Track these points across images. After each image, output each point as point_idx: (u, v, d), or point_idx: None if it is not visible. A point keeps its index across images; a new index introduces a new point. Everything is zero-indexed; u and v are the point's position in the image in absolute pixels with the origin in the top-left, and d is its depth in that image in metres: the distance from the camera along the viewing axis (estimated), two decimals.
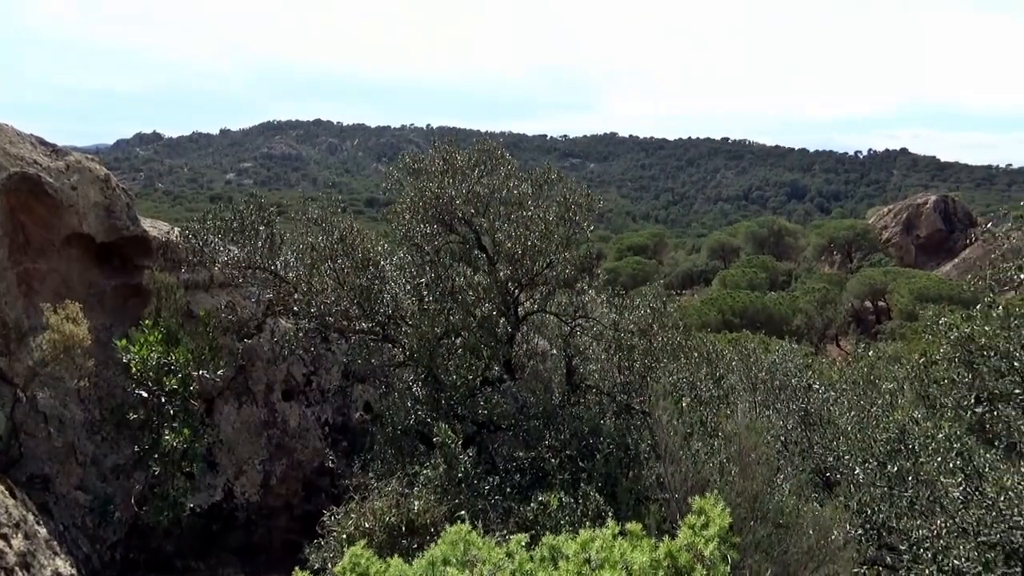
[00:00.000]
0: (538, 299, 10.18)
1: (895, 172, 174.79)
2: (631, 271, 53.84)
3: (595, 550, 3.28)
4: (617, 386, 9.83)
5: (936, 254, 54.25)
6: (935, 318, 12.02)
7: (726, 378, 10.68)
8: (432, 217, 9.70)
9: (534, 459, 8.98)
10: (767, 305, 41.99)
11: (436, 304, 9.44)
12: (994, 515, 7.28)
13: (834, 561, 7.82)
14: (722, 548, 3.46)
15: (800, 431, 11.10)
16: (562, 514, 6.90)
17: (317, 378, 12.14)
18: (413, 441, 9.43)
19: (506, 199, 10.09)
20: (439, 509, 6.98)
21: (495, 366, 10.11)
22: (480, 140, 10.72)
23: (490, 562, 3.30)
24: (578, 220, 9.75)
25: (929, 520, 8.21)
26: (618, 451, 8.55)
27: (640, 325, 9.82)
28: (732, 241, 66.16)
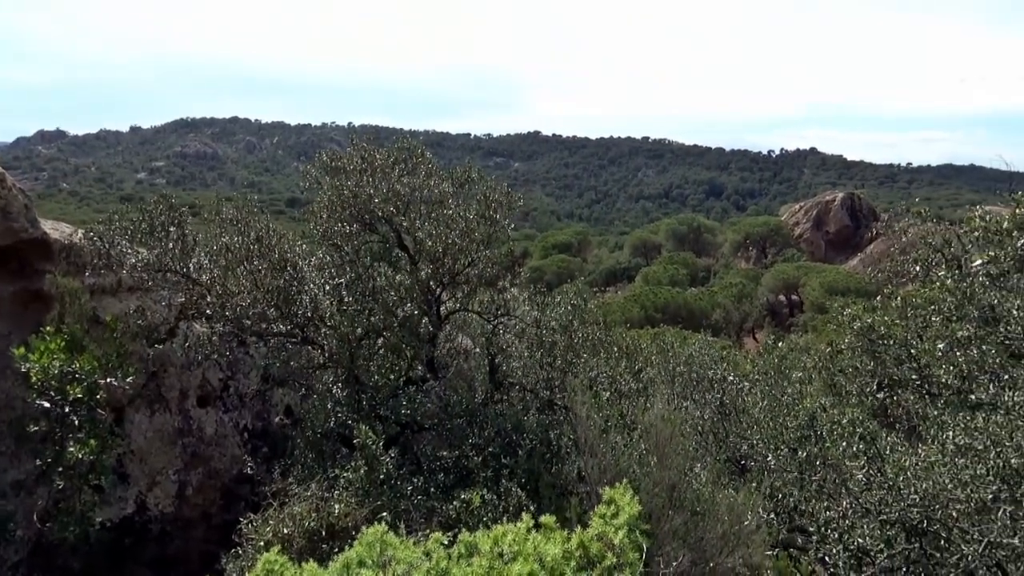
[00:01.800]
0: (460, 298, 10.19)
1: (805, 170, 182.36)
2: (556, 269, 54.45)
3: (508, 544, 3.32)
4: (540, 382, 9.93)
5: (844, 249, 56.89)
6: (840, 310, 12.64)
7: (645, 371, 10.95)
8: (351, 216, 9.58)
9: (458, 458, 8.98)
10: (687, 300, 43.21)
11: (357, 305, 9.32)
12: (894, 495, 7.68)
13: (747, 545, 8.11)
14: (632, 536, 3.56)
15: (716, 421, 11.46)
16: (485, 511, 6.94)
17: (235, 383, 11.79)
18: (335, 444, 9.29)
19: (427, 198, 10.06)
20: (360, 512, 6.90)
21: (418, 366, 10.06)
22: (400, 138, 10.65)
23: (404, 562, 3.29)
24: (499, 218, 9.79)
25: (836, 502, 8.60)
26: (540, 446, 8.64)
27: (561, 322, 9.94)
28: (653, 238, 67.73)
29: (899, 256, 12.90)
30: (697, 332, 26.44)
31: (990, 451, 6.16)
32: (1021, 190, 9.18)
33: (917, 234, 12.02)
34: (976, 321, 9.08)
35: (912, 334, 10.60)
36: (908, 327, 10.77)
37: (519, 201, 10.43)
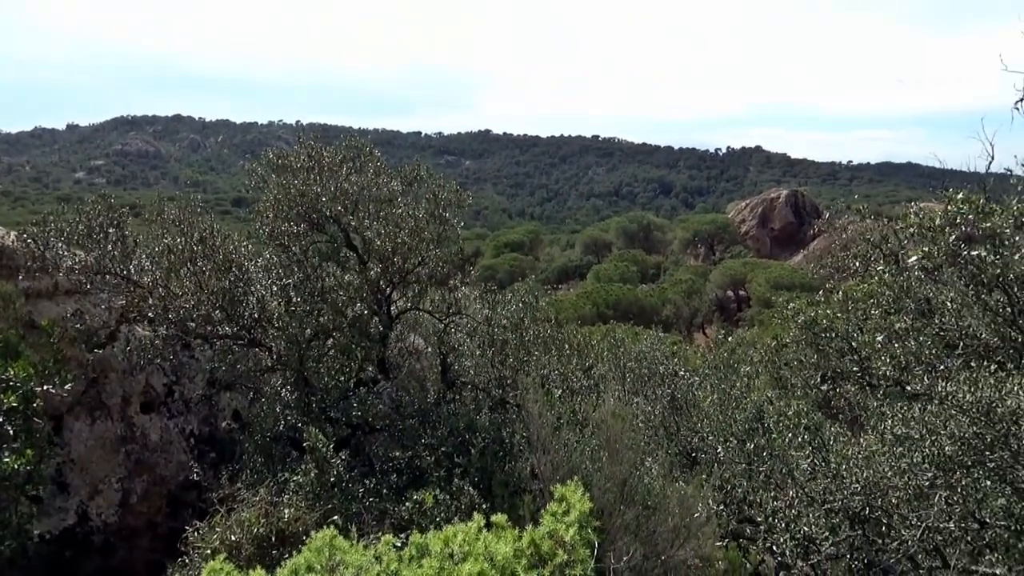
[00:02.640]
0: (411, 297, 10.11)
1: (751, 168, 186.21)
2: (508, 268, 54.52)
3: (458, 544, 3.31)
4: (492, 381, 9.93)
5: (788, 245, 58.29)
6: (785, 305, 12.96)
7: (596, 368, 11.04)
8: (298, 216, 9.43)
9: (410, 458, 8.92)
10: (638, 297, 43.73)
11: (305, 305, 9.18)
12: (838, 483, 7.90)
13: (698, 537, 8.25)
14: (583, 532, 3.58)
15: (667, 415, 11.64)
16: (438, 511, 6.91)
17: (180, 387, 11.49)
18: (284, 447, 9.13)
19: (375, 197, 9.95)
20: (311, 516, 6.80)
21: (369, 366, 9.96)
22: (348, 136, 10.52)
23: (354, 565, 3.25)
24: (448, 217, 9.75)
25: (782, 492, 8.80)
26: (493, 445, 8.64)
27: (513, 320, 9.96)
28: (604, 236, 68.33)
29: (840, 252, 13.27)
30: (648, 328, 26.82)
31: (926, 440, 6.38)
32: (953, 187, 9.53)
33: (857, 230, 12.38)
34: (913, 314, 9.40)
35: (853, 327, 10.90)
36: (849, 320, 11.07)
37: (469, 199, 10.40)
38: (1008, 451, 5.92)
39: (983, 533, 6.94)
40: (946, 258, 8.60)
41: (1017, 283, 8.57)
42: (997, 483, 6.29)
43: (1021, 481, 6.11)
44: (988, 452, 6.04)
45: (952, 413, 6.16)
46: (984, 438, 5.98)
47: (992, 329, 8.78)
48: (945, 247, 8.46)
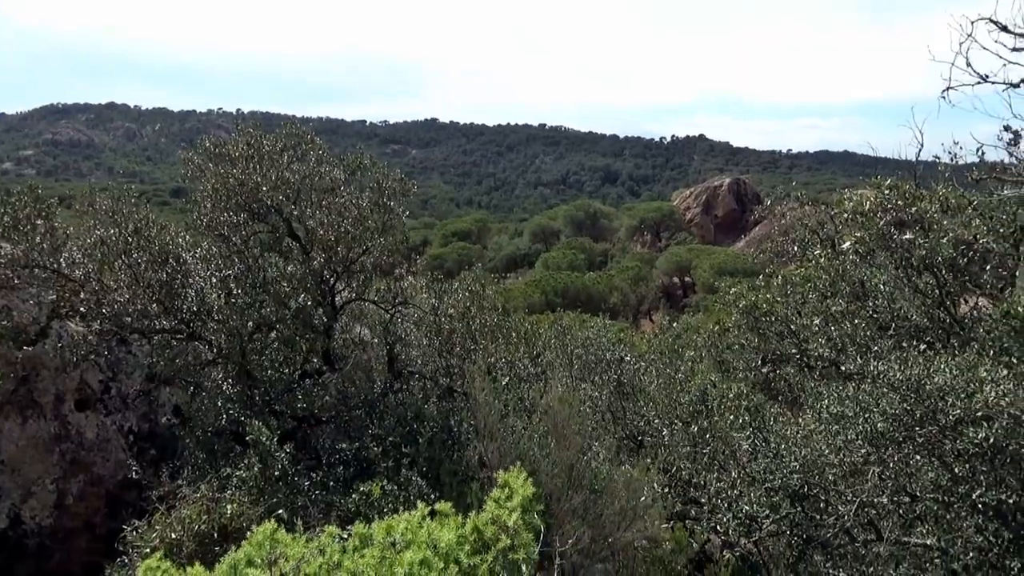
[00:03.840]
0: (356, 287, 9.99)
1: (695, 157, 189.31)
2: (457, 257, 54.34)
3: (400, 532, 3.29)
4: (439, 370, 9.90)
5: (732, 232, 59.49)
6: (727, 290, 13.25)
7: (544, 355, 11.11)
8: (238, 205, 9.20)
9: (358, 450, 8.84)
10: (586, 285, 44.10)
11: (246, 297, 8.98)
12: (777, 463, 8.12)
13: (644, 519, 8.40)
14: (526, 517, 3.60)
15: (614, 400, 11.78)
16: (385, 502, 6.87)
17: (116, 384, 11.14)
18: (227, 442, 8.94)
19: (318, 186, 9.78)
20: (255, 510, 6.68)
21: (314, 358, 9.82)
22: (288, 124, 10.30)
23: (295, 558, 3.21)
24: (393, 206, 9.65)
25: (725, 472, 9.03)
26: (441, 434, 8.62)
27: (459, 309, 9.93)
28: (552, 224, 68.63)
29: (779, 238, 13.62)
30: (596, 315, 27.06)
31: (859, 417, 6.60)
32: (886, 174, 9.87)
33: (795, 217, 12.73)
34: (848, 297, 9.71)
35: (792, 311, 11.22)
36: (788, 304, 11.39)
37: (414, 188, 10.31)
38: (936, 426, 6.17)
39: (914, 506, 7.23)
40: (878, 242, 8.89)
41: (944, 265, 8.93)
42: (926, 457, 6.56)
43: (948, 455, 6.38)
44: (917, 428, 6.29)
45: (884, 391, 6.39)
46: (913, 414, 6.22)
47: (922, 311, 9.13)
48: (876, 232, 8.75)
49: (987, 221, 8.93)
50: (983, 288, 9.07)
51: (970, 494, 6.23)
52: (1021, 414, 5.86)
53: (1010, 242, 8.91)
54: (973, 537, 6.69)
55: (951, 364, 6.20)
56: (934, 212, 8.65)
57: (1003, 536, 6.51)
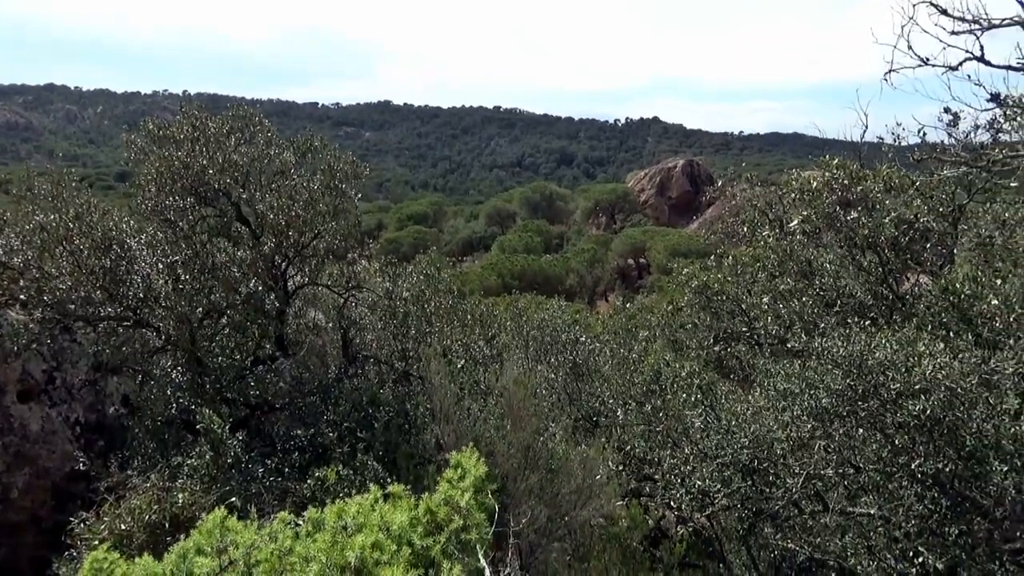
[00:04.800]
0: (308, 272, 9.86)
1: (649, 139, 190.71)
2: (412, 240, 53.94)
3: (352, 516, 3.28)
4: (394, 354, 9.86)
5: (686, 213, 60.18)
6: (680, 270, 13.43)
7: (499, 338, 11.14)
8: (184, 189, 8.98)
9: (313, 436, 8.77)
10: (543, 267, 44.22)
11: (195, 283, 8.79)
12: (728, 439, 8.31)
13: (600, 496, 8.52)
14: (479, 497, 3.62)
15: (569, 381, 11.89)
16: (341, 487, 6.83)
17: (61, 374, 10.83)
18: (178, 431, 8.79)
19: (267, 168, 9.60)
20: (207, 499, 6.59)
21: (266, 344, 9.68)
22: (235, 106, 10.06)
23: (244, 545, 3.18)
24: (345, 189, 9.53)
25: (678, 449, 9.20)
26: (397, 418, 8.60)
27: (414, 292, 9.89)
28: (508, 207, 68.55)
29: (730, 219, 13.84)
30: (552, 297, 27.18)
31: (805, 393, 6.78)
32: (833, 155, 10.08)
33: (745, 198, 12.94)
34: (795, 275, 9.94)
35: (742, 290, 11.43)
36: (739, 284, 11.60)
37: (366, 171, 10.19)
38: (878, 400, 6.38)
39: (858, 477, 7.47)
40: (824, 221, 9.10)
41: (887, 244, 9.18)
42: (869, 430, 6.77)
43: (890, 427, 6.60)
44: (860, 402, 6.49)
45: (828, 367, 6.57)
46: (856, 389, 6.42)
47: (866, 288, 9.39)
48: (822, 211, 8.94)
49: (928, 201, 9.21)
50: (924, 265, 9.36)
51: (910, 464, 6.46)
52: (957, 387, 6.08)
53: (949, 221, 9.21)
54: (914, 505, 6.95)
55: (891, 340, 6.40)
56: (877, 192, 8.87)
57: (942, 504, 6.78)
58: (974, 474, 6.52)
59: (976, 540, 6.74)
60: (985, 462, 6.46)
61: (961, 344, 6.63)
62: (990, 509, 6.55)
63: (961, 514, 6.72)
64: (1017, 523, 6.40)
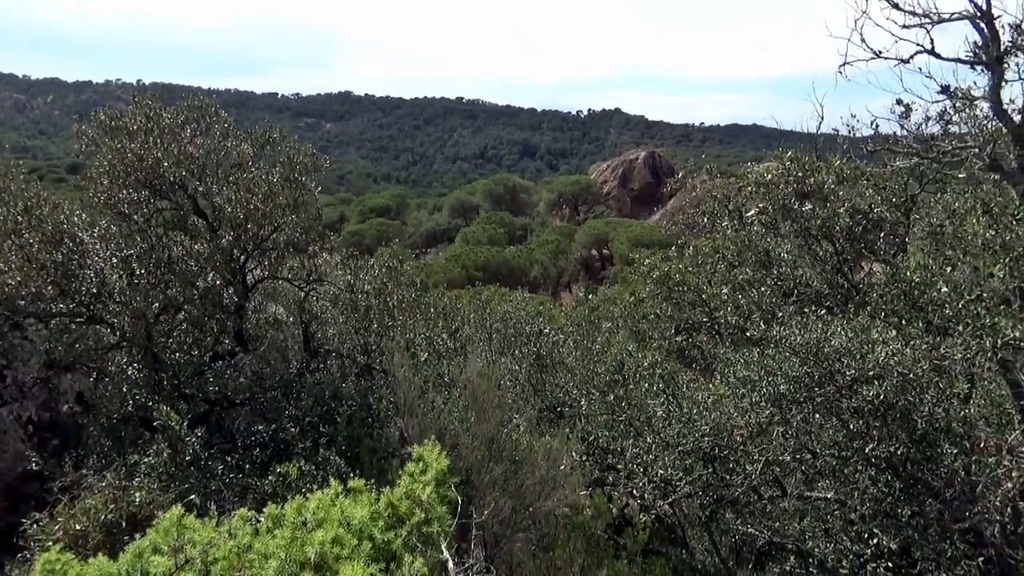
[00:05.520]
0: (268, 265, 9.73)
1: (611, 130, 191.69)
2: (375, 233, 53.51)
3: (311, 511, 3.26)
4: (356, 347, 9.78)
5: (648, 204, 60.68)
6: (641, 261, 13.55)
7: (463, 330, 11.12)
8: (137, 181, 8.77)
9: (274, 431, 8.67)
10: (507, 259, 44.25)
11: (150, 277, 8.61)
12: (689, 427, 8.43)
13: (564, 487, 8.58)
14: (441, 490, 3.62)
15: (533, 373, 11.92)
16: (303, 483, 6.76)
17: (12, 372, 10.54)
18: (135, 429, 8.61)
19: (224, 161, 9.43)
20: (166, 497, 6.47)
21: (225, 339, 9.53)
22: (191, 96, 9.85)
23: (202, 543, 3.13)
24: (305, 181, 9.40)
25: (641, 438, 9.30)
26: (360, 412, 8.54)
27: (376, 285, 9.81)
28: (471, 199, 68.41)
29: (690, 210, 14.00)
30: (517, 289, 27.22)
31: (763, 381, 6.91)
32: (790, 147, 10.25)
33: (705, 189, 13.09)
34: (753, 265, 10.10)
35: (703, 280, 11.58)
36: (699, 274, 11.75)
37: (327, 163, 10.07)
38: (833, 386, 6.52)
39: (815, 462, 7.64)
40: (781, 212, 9.25)
41: (842, 234, 9.38)
42: (825, 416, 6.92)
43: (845, 413, 6.75)
44: (817, 388, 6.63)
45: (786, 355, 6.70)
46: (813, 376, 6.56)
47: (822, 277, 9.58)
48: (779, 202, 9.09)
49: (881, 191, 9.42)
50: (877, 255, 9.58)
51: (864, 448, 6.62)
52: (909, 372, 6.25)
53: (901, 211, 9.43)
54: (869, 488, 7.13)
55: (846, 328, 6.55)
56: (831, 183, 9.05)
57: (895, 486, 6.97)
58: (926, 457, 6.72)
59: (928, 521, 6.94)
60: (936, 445, 6.65)
61: (912, 331, 6.80)
62: (941, 490, 6.75)
63: (913, 496, 6.91)
64: (966, 503, 6.60)
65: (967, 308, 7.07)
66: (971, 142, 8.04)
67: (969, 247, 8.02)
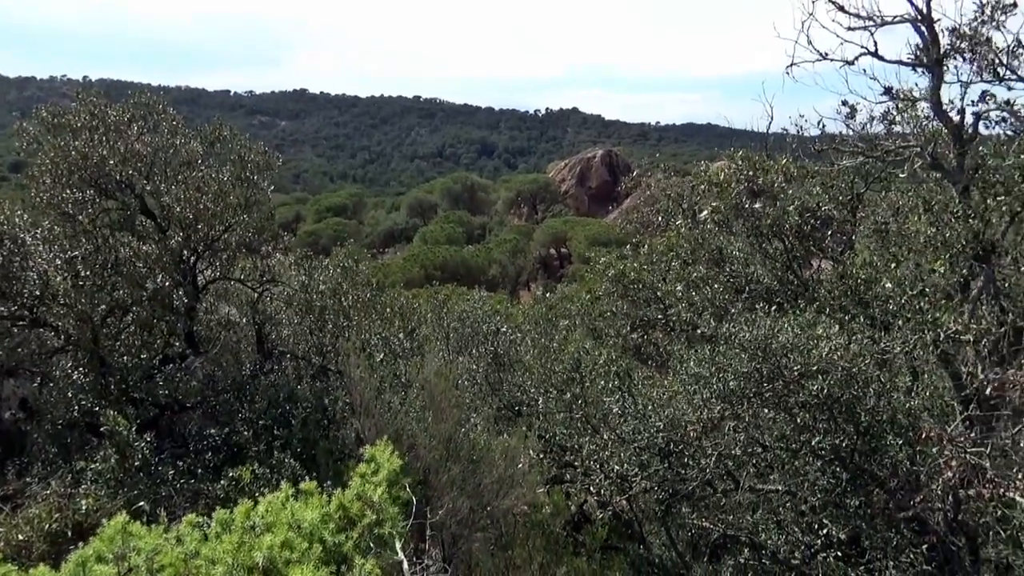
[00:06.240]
0: (220, 266, 9.55)
1: (569, 129, 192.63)
2: (332, 232, 52.95)
3: (259, 515, 3.22)
4: (311, 348, 9.67)
5: (605, 202, 61.10)
6: (598, 259, 13.67)
7: (420, 330, 11.07)
8: (82, 180, 8.53)
9: (227, 435, 8.53)
10: (465, 258, 44.19)
11: (96, 279, 8.38)
12: (644, 423, 8.52)
13: (522, 485, 8.61)
14: (393, 491, 3.60)
15: (491, 371, 11.94)
16: (256, 486, 6.67)
17: None
18: (82, 435, 8.39)
19: (173, 159, 9.24)
20: (114, 504, 6.32)
21: (176, 341, 9.33)
22: (137, 92, 9.62)
23: (146, 550, 3.07)
24: (257, 180, 9.26)
25: (597, 435, 9.37)
26: (315, 414, 8.45)
27: (331, 285, 9.71)
28: (429, 198, 68.14)
29: (645, 208, 14.17)
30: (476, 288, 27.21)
31: (715, 377, 7.02)
32: (742, 146, 10.43)
33: (659, 188, 13.25)
34: (706, 263, 10.26)
35: (657, 278, 11.73)
36: (654, 272, 11.90)
37: (279, 161, 9.93)
38: (782, 381, 6.67)
39: (766, 455, 7.79)
40: (732, 211, 9.42)
41: (791, 232, 9.58)
42: (774, 410, 7.07)
43: (793, 407, 6.91)
44: (766, 383, 6.77)
45: (736, 351, 6.82)
46: (762, 371, 6.69)
47: (772, 274, 9.78)
48: (731, 201, 9.25)
49: (828, 189, 9.65)
50: (825, 252, 9.81)
51: (812, 441, 6.78)
52: (854, 366, 6.42)
53: (848, 208, 9.67)
54: (818, 480, 7.31)
55: (793, 324, 6.70)
56: (781, 182, 9.24)
57: (842, 477, 7.15)
58: (871, 448, 6.90)
59: (875, 510, 7.14)
60: (881, 436, 6.84)
61: (855, 326, 6.99)
62: (886, 480, 6.95)
63: (860, 486, 7.10)
64: (911, 493, 6.81)
65: (910, 303, 7.29)
66: (913, 141, 8.29)
67: (912, 244, 8.27)
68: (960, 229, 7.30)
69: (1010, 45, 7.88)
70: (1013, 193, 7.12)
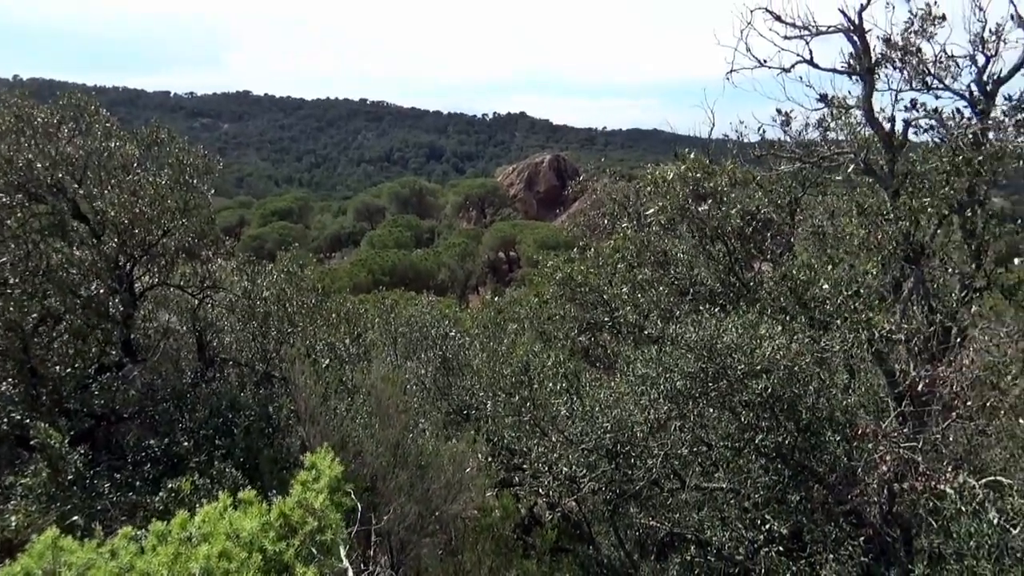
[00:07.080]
0: (158, 272, 9.29)
1: (517, 134, 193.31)
2: (277, 237, 52.07)
3: (196, 526, 3.13)
4: (255, 355, 9.47)
5: (553, 206, 61.54)
6: (545, 262, 13.73)
7: (366, 335, 10.95)
8: (8, 184, 8.20)
9: (167, 445, 8.28)
10: (414, 262, 43.94)
11: (26, 287, 8.06)
12: (592, 425, 8.59)
13: (470, 489, 8.58)
14: (335, 497, 3.55)
15: (440, 376, 11.87)
16: (196, 498, 6.48)
17: None
18: (11, 448, 8.04)
19: (107, 162, 8.95)
20: (45, 520, 6.07)
21: (112, 350, 9.03)
22: (67, 93, 9.29)
23: (77, 565, 2.95)
24: (196, 184, 9.03)
25: (546, 437, 9.41)
26: (259, 422, 8.27)
27: (275, 291, 9.53)
28: (377, 202, 67.59)
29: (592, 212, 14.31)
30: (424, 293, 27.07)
31: (661, 378, 7.13)
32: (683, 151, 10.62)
33: (605, 191, 13.40)
34: (652, 265, 10.41)
35: (604, 281, 11.84)
36: (600, 275, 12.01)
37: (220, 164, 9.72)
38: (726, 381, 6.80)
39: (711, 454, 7.94)
40: (678, 213, 9.57)
41: (734, 234, 9.79)
42: (719, 409, 7.21)
43: (737, 406, 7.05)
44: (711, 383, 6.90)
45: (682, 352, 6.94)
46: (707, 371, 6.81)
47: (715, 276, 9.98)
48: (675, 203, 9.40)
49: (768, 193, 9.89)
50: (766, 254, 10.06)
51: (755, 439, 6.93)
52: (795, 365, 6.59)
53: (787, 212, 9.93)
54: (760, 477, 7.47)
55: (737, 324, 6.84)
56: (724, 186, 9.44)
57: (784, 474, 7.33)
58: (811, 445, 7.09)
59: (815, 505, 7.34)
60: (820, 433, 7.04)
61: (796, 326, 7.18)
62: (825, 476, 7.15)
63: (801, 482, 7.29)
64: (848, 487, 7.01)
65: (846, 304, 7.51)
66: (847, 147, 8.55)
67: (847, 246, 8.53)
68: (891, 231, 7.55)
69: (938, 56, 8.20)
70: (938, 195, 7.40)
